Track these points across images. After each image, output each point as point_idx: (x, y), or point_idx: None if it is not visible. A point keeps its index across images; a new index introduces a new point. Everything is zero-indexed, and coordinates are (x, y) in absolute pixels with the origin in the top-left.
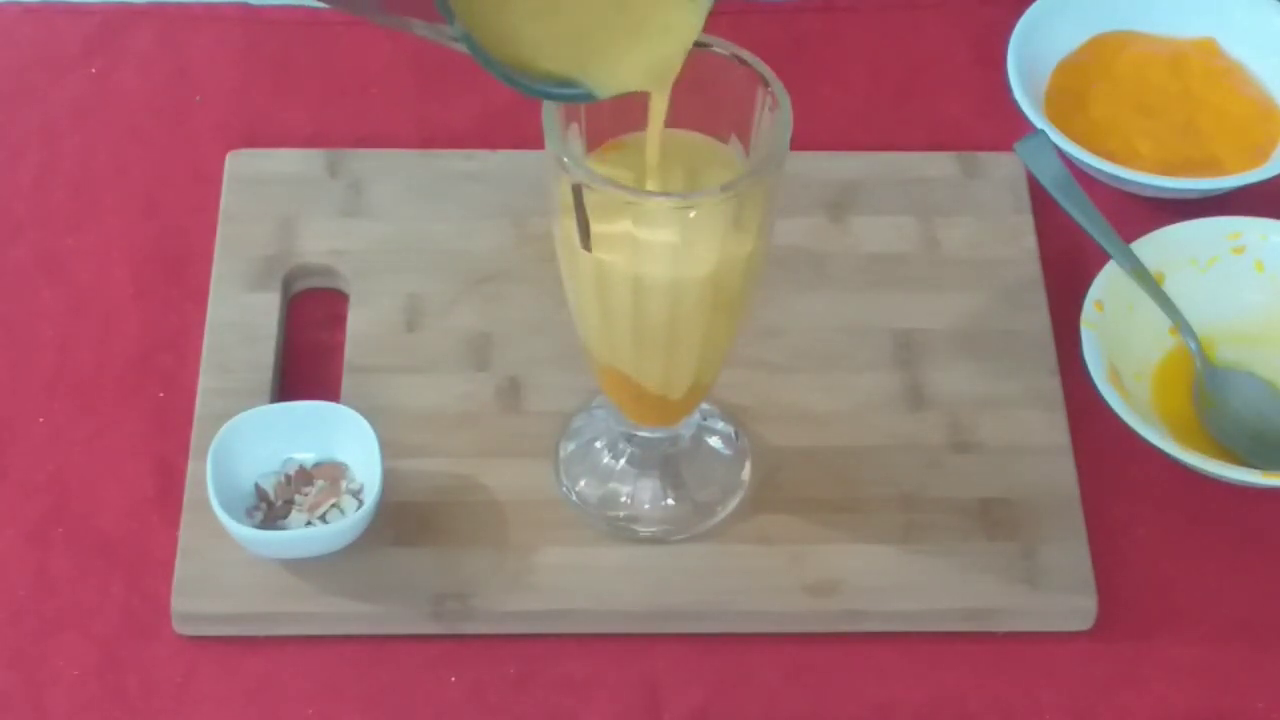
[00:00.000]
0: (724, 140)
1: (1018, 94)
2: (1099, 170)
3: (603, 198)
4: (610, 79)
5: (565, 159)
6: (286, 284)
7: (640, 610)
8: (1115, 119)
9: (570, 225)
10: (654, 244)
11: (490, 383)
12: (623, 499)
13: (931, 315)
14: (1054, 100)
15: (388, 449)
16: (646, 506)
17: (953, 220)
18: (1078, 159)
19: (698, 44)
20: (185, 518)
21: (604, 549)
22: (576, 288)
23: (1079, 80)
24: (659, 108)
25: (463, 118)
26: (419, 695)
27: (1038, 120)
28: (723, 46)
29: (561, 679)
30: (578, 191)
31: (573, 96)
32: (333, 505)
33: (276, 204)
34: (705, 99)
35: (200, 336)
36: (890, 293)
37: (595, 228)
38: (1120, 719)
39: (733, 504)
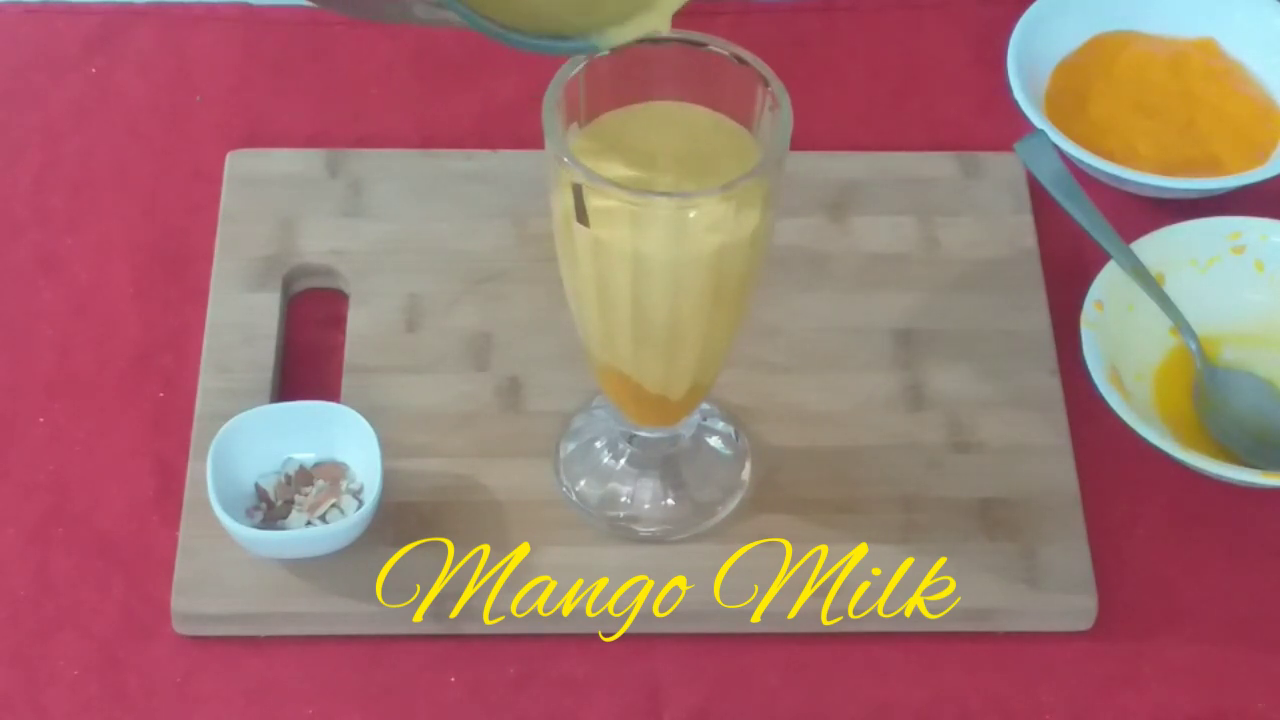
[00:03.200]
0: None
1: (1018, 94)
2: (1099, 170)
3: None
4: (615, 31)
5: (565, 159)
6: (286, 284)
7: (640, 610)
8: (1115, 119)
9: (569, 202)
10: (653, 226)
11: (490, 383)
12: (623, 499)
13: (931, 315)
14: (1054, 100)
15: (388, 449)
16: (646, 506)
17: (953, 220)
18: (1078, 159)
19: (698, 44)
20: (185, 518)
21: (604, 549)
22: (576, 279)
23: (1079, 80)
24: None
25: (463, 118)
26: (419, 695)
27: (1038, 120)
28: (723, 46)
29: (561, 679)
30: (578, 191)
31: (575, 49)
32: (333, 505)
33: (276, 204)
34: (705, 99)
35: (200, 336)
36: (890, 293)
37: (595, 203)
38: (1120, 719)
39: (733, 504)
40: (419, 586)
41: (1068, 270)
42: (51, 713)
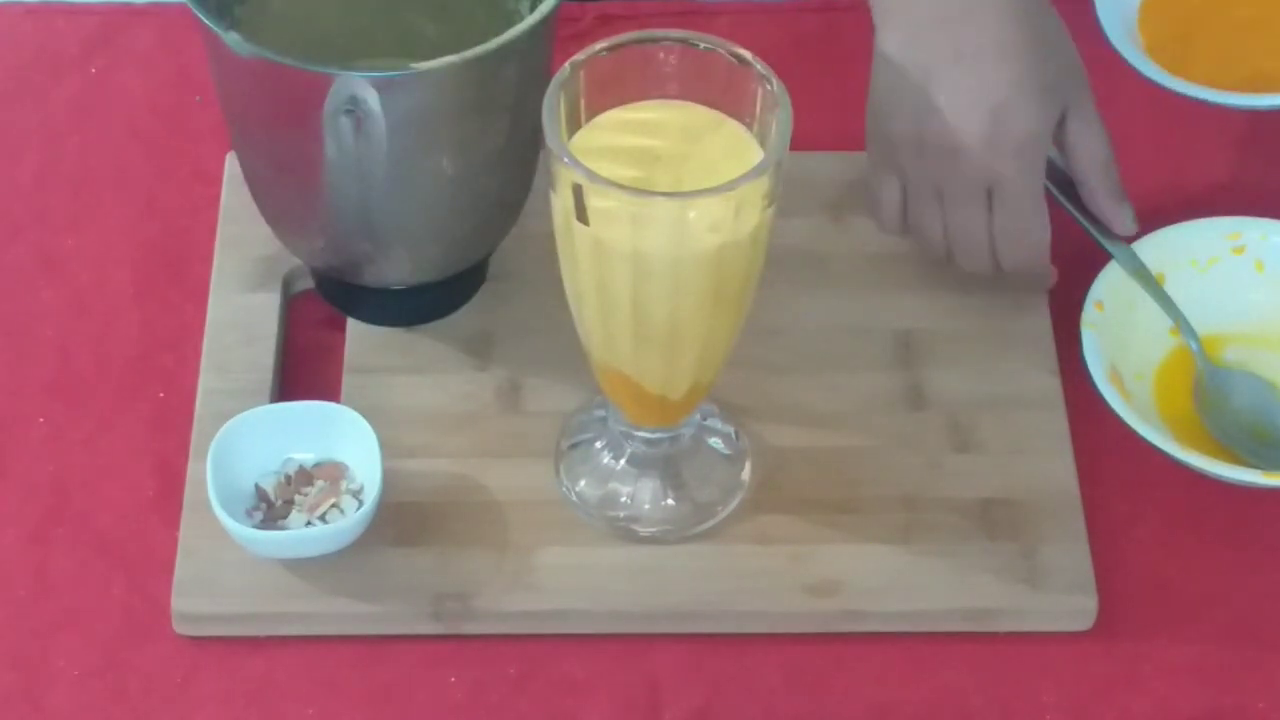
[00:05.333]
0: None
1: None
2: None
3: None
4: None
5: (565, 159)
6: (286, 284)
7: (640, 610)
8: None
9: (569, 202)
10: (653, 226)
11: (490, 383)
12: (623, 499)
13: (931, 315)
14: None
15: (388, 449)
16: (646, 506)
17: None
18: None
19: (698, 44)
20: (185, 518)
21: (604, 549)
22: (576, 279)
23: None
24: None
25: None
26: (419, 695)
27: (1131, 48)
28: (723, 46)
29: (561, 679)
30: (578, 191)
31: None
32: (333, 505)
33: None
34: (705, 99)
35: (200, 336)
36: (890, 293)
37: (595, 203)
38: (1120, 719)
39: (733, 504)
40: (419, 586)
41: (1068, 270)
42: (52, 713)
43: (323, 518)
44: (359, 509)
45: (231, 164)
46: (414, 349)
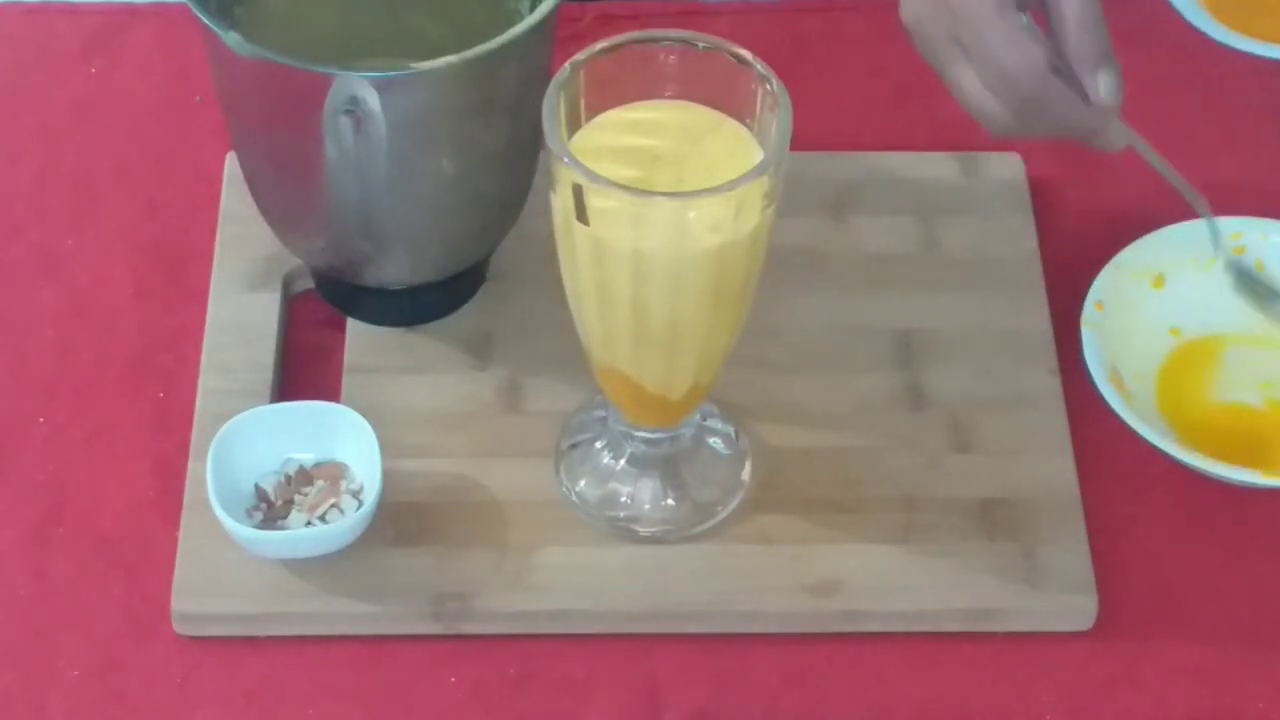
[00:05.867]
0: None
1: None
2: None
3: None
4: None
5: (565, 159)
6: (286, 284)
7: (640, 610)
8: None
9: (569, 202)
10: (653, 226)
11: (490, 383)
12: (623, 499)
13: (931, 315)
14: None
15: (388, 449)
16: (646, 506)
17: (953, 220)
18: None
19: (698, 44)
20: (185, 518)
21: (604, 549)
22: (576, 279)
23: None
24: None
25: None
26: (419, 695)
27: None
28: (723, 46)
29: (561, 679)
30: (578, 191)
31: None
32: (333, 505)
33: None
34: (706, 98)
35: (200, 336)
36: (890, 293)
37: (595, 203)
38: (1120, 719)
39: (733, 504)
40: (419, 586)
41: (1068, 270)
42: (51, 713)
43: (323, 518)
44: (359, 509)
45: (231, 164)
46: (414, 349)
